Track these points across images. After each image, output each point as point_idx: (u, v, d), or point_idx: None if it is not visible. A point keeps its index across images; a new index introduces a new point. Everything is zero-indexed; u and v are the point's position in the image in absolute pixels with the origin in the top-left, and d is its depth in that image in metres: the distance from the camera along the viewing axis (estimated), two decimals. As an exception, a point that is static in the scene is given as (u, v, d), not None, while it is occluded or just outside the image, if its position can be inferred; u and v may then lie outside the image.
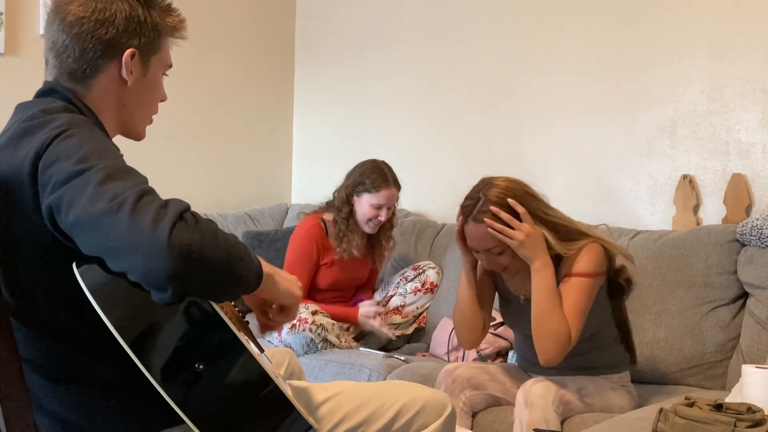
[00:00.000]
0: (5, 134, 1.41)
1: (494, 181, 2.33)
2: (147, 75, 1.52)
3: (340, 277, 3.33)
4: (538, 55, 3.54)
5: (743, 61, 2.99)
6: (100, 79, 1.47)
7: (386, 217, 3.26)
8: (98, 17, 1.44)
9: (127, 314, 1.27)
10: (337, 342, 3.11)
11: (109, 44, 1.45)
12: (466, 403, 2.43)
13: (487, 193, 2.29)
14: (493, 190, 2.29)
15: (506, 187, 2.30)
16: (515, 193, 2.28)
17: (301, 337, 3.04)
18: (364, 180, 3.23)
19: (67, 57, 1.46)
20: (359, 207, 3.25)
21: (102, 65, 1.46)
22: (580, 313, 2.25)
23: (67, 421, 1.40)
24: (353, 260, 3.32)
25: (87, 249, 1.25)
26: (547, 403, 2.21)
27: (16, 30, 3.45)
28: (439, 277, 3.41)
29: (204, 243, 1.20)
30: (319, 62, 4.39)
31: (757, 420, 1.56)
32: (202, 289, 1.24)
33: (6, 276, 1.39)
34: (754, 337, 2.62)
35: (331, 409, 1.58)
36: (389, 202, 3.24)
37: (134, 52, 1.47)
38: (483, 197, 2.29)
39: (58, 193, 1.25)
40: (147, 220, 1.18)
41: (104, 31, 1.44)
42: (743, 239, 2.74)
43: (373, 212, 3.23)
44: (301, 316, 3.04)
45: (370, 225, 3.26)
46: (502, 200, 2.26)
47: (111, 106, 1.50)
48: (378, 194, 3.21)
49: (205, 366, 1.27)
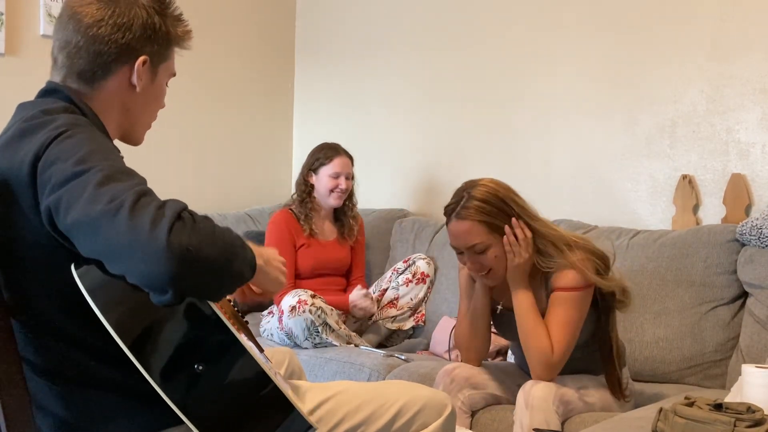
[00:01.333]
0: (6, 134, 1.41)
1: (479, 180, 2.32)
2: (154, 82, 1.53)
3: (319, 258, 3.40)
4: (538, 56, 3.54)
5: (743, 61, 2.99)
6: (110, 82, 1.48)
7: (346, 185, 3.43)
8: (117, 21, 1.45)
9: (125, 316, 1.27)
10: (337, 327, 3.13)
11: (125, 49, 1.46)
12: (465, 402, 2.43)
13: (471, 191, 2.28)
14: (478, 189, 2.29)
15: (491, 186, 2.30)
16: (499, 193, 2.28)
17: (302, 320, 3.06)
18: (317, 156, 3.47)
19: (80, 58, 1.46)
20: (319, 183, 3.45)
21: (114, 69, 1.47)
22: (566, 327, 2.24)
23: (67, 421, 1.40)
24: (327, 242, 3.45)
25: (85, 251, 1.25)
26: (548, 405, 2.21)
27: (16, 30, 3.45)
28: (430, 267, 3.47)
29: (202, 242, 1.20)
30: (319, 62, 4.39)
31: (756, 420, 1.56)
32: (202, 289, 1.24)
33: (6, 276, 1.39)
34: (754, 336, 2.63)
35: (330, 409, 1.58)
36: (344, 169, 3.44)
37: (146, 59, 1.48)
38: (467, 195, 2.28)
39: (57, 194, 1.25)
40: (145, 222, 1.18)
41: (121, 35, 1.45)
42: (743, 239, 2.74)
43: (332, 182, 3.42)
44: (300, 298, 3.08)
45: (334, 196, 3.43)
46: (487, 198, 2.27)
47: (116, 109, 1.50)
48: (332, 163, 3.43)
49: (204, 367, 1.27)
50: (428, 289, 3.46)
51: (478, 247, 2.28)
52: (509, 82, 3.63)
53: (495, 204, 2.27)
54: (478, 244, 2.28)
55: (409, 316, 3.43)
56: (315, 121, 4.41)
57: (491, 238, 2.28)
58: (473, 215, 2.26)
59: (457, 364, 2.51)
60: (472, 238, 2.28)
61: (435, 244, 3.57)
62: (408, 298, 3.43)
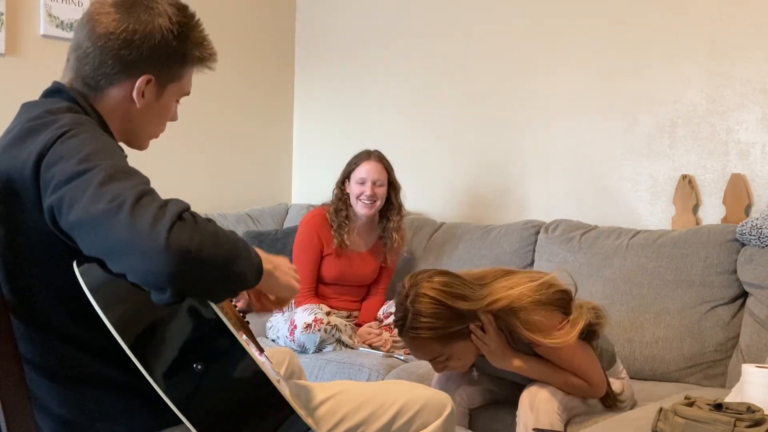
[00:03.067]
0: (10, 134, 1.42)
1: (420, 287, 2.15)
2: (159, 101, 1.52)
3: (344, 270, 3.31)
4: (538, 56, 3.54)
5: (743, 61, 2.99)
6: (113, 90, 1.48)
7: (373, 192, 3.25)
8: (126, 37, 1.45)
9: (126, 314, 1.27)
10: (351, 342, 3.11)
11: (129, 65, 1.46)
12: (463, 399, 2.43)
13: (416, 306, 2.13)
14: (422, 302, 2.13)
15: (434, 296, 2.13)
16: (446, 301, 2.13)
17: (316, 337, 3.04)
18: (350, 162, 3.33)
19: (86, 64, 1.47)
20: (350, 191, 3.31)
21: (117, 81, 1.47)
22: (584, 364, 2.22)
23: (67, 420, 1.40)
24: (358, 254, 3.34)
25: (87, 249, 1.25)
26: (552, 408, 2.20)
27: (16, 30, 3.45)
28: None
29: (203, 243, 1.20)
30: (319, 62, 4.39)
31: (756, 419, 1.56)
32: (202, 289, 1.24)
33: (7, 274, 1.39)
34: (754, 336, 2.63)
35: (330, 409, 1.58)
36: (371, 175, 3.26)
37: (150, 79, 1.48)
38: (412, 311, 2.14)
39: (59, 193, 1.25)
40: (145, 221, 1.18)
41: (128, 52, 1.45)
42: (743, 239, 2.74)
43: (359, 188, 3.27)
44: (316, 317, 3.04)
45: (360, 204, 3.28)
46: (434, 311, 2.12)
47: (118, 117, 1.51)
48: (359, 168, 3.28)
49: (203, 366, 1.27)
50: None
51: (440, 359, 2.23)
52: (509, 82, 3.63)
53: (444, 315, 2.13)
54: (438, 356, 2.22)
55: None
56: (315, 121, 4.41)
57: (449, 347, 2.19)
58: (424, 333, 2.14)
59: None
60: (432, 353, 2.22)
61: (434, 243, 3.57)
62: None
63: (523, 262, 3.25)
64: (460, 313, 2.14)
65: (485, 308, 2.15)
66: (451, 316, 2.14)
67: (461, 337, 2.18)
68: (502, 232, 3.35)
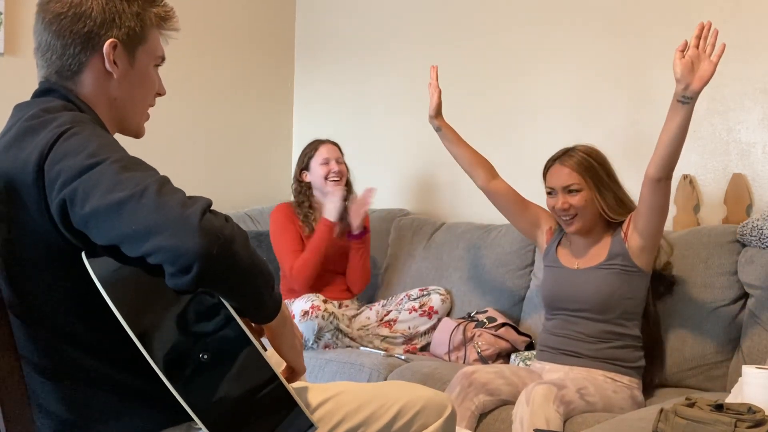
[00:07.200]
0: (7, 134, 1.41)
1: (579, 144, 2.67)
2: (134, 66, 1.50)
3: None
4: (538, 56, 3.54)
5: (743, 61, 2.99)
6: (87, 74, 1.47)
7: (339, 168, 3.43)
8: (75, 11, 1.44)
9: (136, 304, 1.27)
10: (348, 330, 3.13)
11: (88, 38, 1.45)
12: (478, 407, 2.44)
13: (577, 147, 2.65)
14: (583, 145, 2.65)
15: (595, 149, 2.66)
16: (601, 155, 2.65)
17: (313, 324, 3.05)
18: (304, 153, 3.52)
19: (51, 55, 1.46)
20: (313, 177, 3.46)
21: (85, 60, 1.46)
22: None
23: (67, 419, 1.39)
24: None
25: (103, 239, 1.24)
26: (548, 403, 2.21)
27: (16, 30, 3.45)
28: (444, 305, 3.28)
29: (234, 235, 1.22)
30: (319, 62, 4.39)
31: (757, 420, 1.56)
32: (224, 281, 1.24)
33: (8, 274, 1.39)
34: (755, 337, 2.62)
35: (330, 409, 1.58)
36: (332, 154, 3.47)
37: (115, 43, 1.46)
38: (573, 148, 2.64)
39: (71, 187, 1.25)
40: (175, 203, 1.20)
41: (82, 24, 1.44)
42: (743, 240, 2.73)
43: (324, 169, 3.43)
44: (313, 303, 3.08)
45: (331, 183, 3.41)
46: (591, 153, 2.62)
47: (103, 101, 1.49)
48: (319, 152, 3.46)
49: (209, 356, 1.26)
50: (431, 327, 3.25)
51: (572, 187, 2.57)
52: (509, 82, 3.63)
53: (596, 159, 2.61)
54: (573, 184, 2.57)
55: (402, 342, 3.26)
56: (315, 121, 4.41)
57: (585, 184, 2.58)
58: (575, 163, 2.59)
59: (475, 367, 2.53)
60: (570, 179, 2.58)
61: (433, 242, 3.56)
62: (405, 326, 3.26)
63: (523, 262, 3.25)
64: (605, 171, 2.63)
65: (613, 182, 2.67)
66: (599, 165, 2.62)
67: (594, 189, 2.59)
68: (502, 232, 3.34)
